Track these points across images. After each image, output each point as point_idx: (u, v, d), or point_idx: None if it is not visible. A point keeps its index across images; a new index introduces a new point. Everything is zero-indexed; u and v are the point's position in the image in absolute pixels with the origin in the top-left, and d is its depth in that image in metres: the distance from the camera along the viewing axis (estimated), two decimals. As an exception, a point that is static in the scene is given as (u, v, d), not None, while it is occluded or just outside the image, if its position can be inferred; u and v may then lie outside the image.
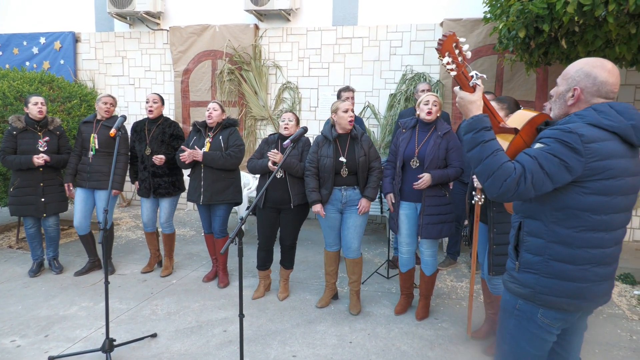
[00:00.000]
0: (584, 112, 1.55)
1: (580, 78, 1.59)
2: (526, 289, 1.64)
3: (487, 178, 1.51)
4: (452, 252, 4.65)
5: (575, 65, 1.62)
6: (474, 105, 1.61)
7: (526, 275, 1.64)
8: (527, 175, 1.46)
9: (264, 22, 6.45)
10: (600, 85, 1.56)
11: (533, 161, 1.48)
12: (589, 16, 3.27)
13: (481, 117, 1.58)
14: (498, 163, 1.49)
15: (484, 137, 1.54)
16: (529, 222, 1.64)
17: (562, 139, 1.47)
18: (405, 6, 5.98)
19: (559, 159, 1.46)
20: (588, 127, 1.49)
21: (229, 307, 3.61)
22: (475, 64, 5.68)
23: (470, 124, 1.59)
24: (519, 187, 1.46)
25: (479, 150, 1.53)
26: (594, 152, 1.46)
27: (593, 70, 1.57)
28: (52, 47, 7.11)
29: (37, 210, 4.08)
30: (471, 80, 1.60)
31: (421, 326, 3.33)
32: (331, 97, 6.30)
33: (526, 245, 1.64)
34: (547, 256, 1.59)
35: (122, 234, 5.62)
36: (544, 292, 1.60)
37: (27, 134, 4.02)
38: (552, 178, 1.47)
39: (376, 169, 3.40)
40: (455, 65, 1.55)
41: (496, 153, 1.51)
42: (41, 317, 3.40)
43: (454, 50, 1.55)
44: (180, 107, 6.77)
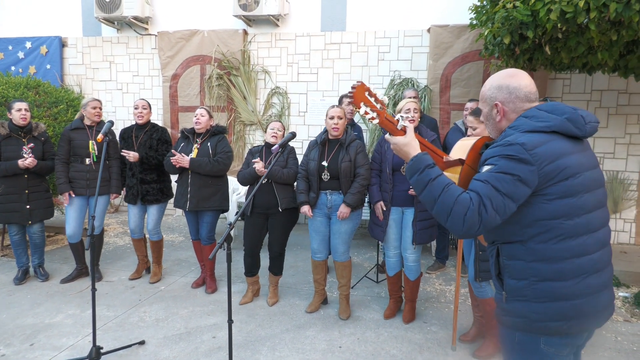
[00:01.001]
0: (516, 123, 1.51)
1: (494, 94, 1.57)
2: (519, 319, 1.49)
3: (446, 217, 1.39)
4: (440, 256, 4.68)
5: (486, 85, 1.61)
6: (409, 147, 1.56)
7: (516, 304, 1.50)
8: (485, 202, 1.36)
9: (253, 28, 6.46)
10: (515, 92, 1.53)
11: (486, 185, 1.38)
12: (571, 23, 3.34)
13: (421, 157, 1.52)
14: (452, 198, 1.39)
15: (429, 176, 1.46)
16: (505, 247, 1.52)
17: (506, 154, 1.40)
18: (393, 12, 6.04)
19: (510, 175, 1.38)
20: (525, 134, 1.44)
21: (218, 313, 3.59)
22: (462, 70, 5.76)
23: (412, 165, 1.52)
24: (482, 218, 1.35)
25: (429, 190, 1.44)
26: (542, 157, 1.39)
27: (502, 82, 1.56)
28: (38, 52, 7.04)
29: (22, 218, 4.03)
30: (397, 123, 1.56)
31: (410, 330, 3.35)
32: (320, 102, 6.32)
33: (508, 271, 1.51)
34: (532, 278, 1.45)
35: (110, 241, 5.56)
36: (539, 319, 1.45)
37: (11, 141, 3.96)
38: (512, 197, 1.38)
39: (360, 176, 3.36)
40: (375, 113, 1.51)
41: (447, 188, 1.42)
42: (26, 325, 3.35)
43: (368, 99, 1.50)
44: (169, 112, 6.74)
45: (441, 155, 1.63)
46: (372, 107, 1.51)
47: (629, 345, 3.19)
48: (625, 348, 3.14)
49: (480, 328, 3.16)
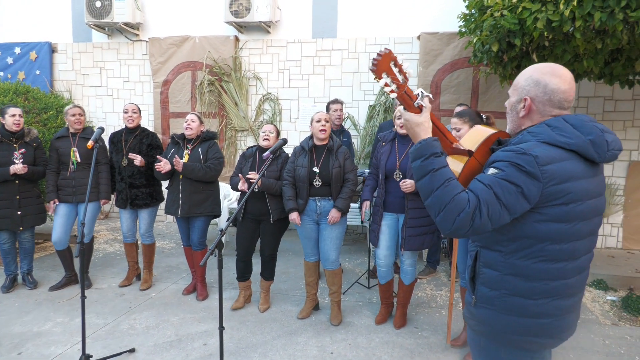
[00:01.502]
0: (537, 129, 1.40)
1: (529, 87, 1.44)
2: (484, 327, 1.49)
3: (438, 212, 1.33)
4: (431, 261, 4.71)
5: (525, 74, 1.47)
6: (420, 128, 1.44)
7: (483, 310, 1.49)
8: (482, 208, 1.29)
9: (244, 34, 6.49)
10: (551, 94, 1.41)
11: (488, 190, 1.31)
12: (557, 32, 3.41)
13: (430, 142, 1.40)
14: (450, 195, 1.31)
15: (433, 165, 1.36)
16: (485, 253, 1.48)
17: (516, 162, 1.31)
18: (383, 20, 6.10)
19: (514, 185, 1.30)
20: (542, 146, 1.34)
21: (209, 320, 3.57)
22: (452, 76, 5.82)
23: (418, 149, 1.41)
24: (474, 222, 1.29)
25: (429, 180, 1.36)
26: (552, 175, 1.31)
27: (543, 77, 1.42)
28: (27, 58, 6.99)
29: (14, 224, 3.99)
30: (416, 100, 1.45)
31: (402, 335, 3.36)
32: (311, 108, 6.35)
33: (482, 278, 1.48)
34: (503, 290, 1.43)
35: (100, 247, 5.51)
36: (503, 331, 1.45)
37: (2, 146, 3.93)
38: (509, 208, 1.31)
39: (350, 181, 3.40)
40: (396, 85, 1.39)
41: (448, 183, 1.33)
42: (14, 334, 3.30)
43: (392, 69, 1.39)
44: (160, 118, 6.73)
45: (451, 141, 1.53)
46: (393, 79, 1.39)
47: (616, 348, 3.23)
48: (613, 351, 3.18)
49: (470, 333, 3.18)
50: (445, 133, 1.53)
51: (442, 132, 1.52)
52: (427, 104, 1.46)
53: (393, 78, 1.39)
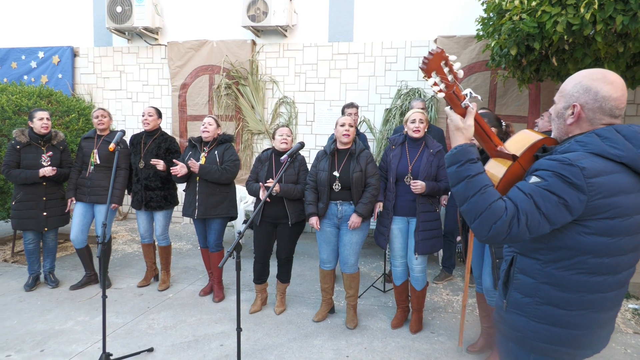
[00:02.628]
0: (586, 139, 1.33)
1: (579, 93, 1.38)
2: (515, 332, 1.47)
3: (474, 219, 1.30)
4: (447, 265, 4.68)
5: (573, 79, 1.41)
6: (459, 133, 1.42)
7: (514, 316, 1.46)
8: (520, 217, 1.26)
9: (261, 38, 6.55)
10: (602, 101, 1.34)
11: (528, 200, 1.27)
12: (577, 35, 3.37)
13: (466, 148, 1.38)
14: (486, 203, 1.28)
15: (469, 172, 1.34)
16: (522, 259, 1.45)
17: (561, 173, 1.26)
18: (399, 23, 6.11)
19: (557, 196, 1.25)
20: (591, 157, 1.28)
21: (226, 321, 3.61)
22: (468, 80, 5.79)
23: (454, 155, 1.39)
24: (512, 231, 1.26)
25: (464, 186, 1.34)
26: (598, 189, 1.25)
27: (593, 84, 1.36)
28: (50, 62, 7.17)
29: (39, 225, 4.09)
30: (464, 100, 1.42)
31: (417, 340, 3.35)
32: (327, 111, 6.37)
33: (516, 284, 1.46)
34: (537, 298, 1.40)
35: (118, 248, 5.61)
36: (533, 338, 1.42)
37: (31, 149, 4.04)
38: (550, 219, 1.27)
39: (371, 186, 3.38)
40: (445, 85, 1.38)
41: (484, 190, 1.30)
42: (37, 331, 3.38)
43: (442, 69, 1.37)
44: (178, 121, 6.82)
45: (496, 143, 1.50)
46: (443, 78, 1.37)
47: (638, 357, 3.16)
48: (634, 360, 3.12)
49: (488, 339, 3.15)
50: (490, 135, 1.50)
51: (487, 134, 1.50)
52: (472, 109, 1.43)
53: (442, 77, 1.38)
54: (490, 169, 1.50)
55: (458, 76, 1.40)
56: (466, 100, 1.42)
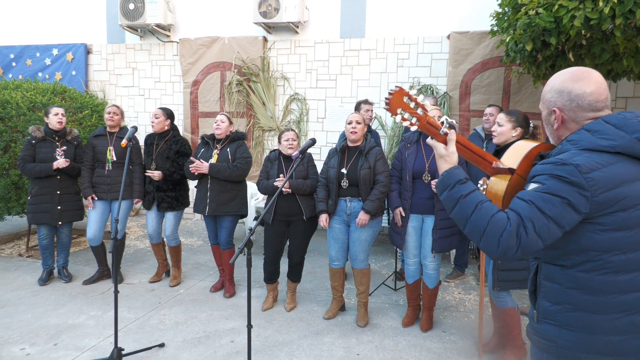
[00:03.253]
0: (576, 137, 1.33)
1: (555, 98, 1.38)
2: (548, 343, 1.38)
3: (480, 238, 1.27)
4: (459, 264, 4.63)
5: (548, 85, 1.42)
6: (443, 160, 1.42)
7: (546, 326, 1.39)
8: (526, 225, 1.23)
9: (273, 35, 6.53)
10: (578, 99, 1.34)
11: (530, 207, 1.25)
12: (596, 30, 3.29)
13: (451, 172, 1.38)
14: (486, 217, 1.26)
15: (460, 192, 1.34)
16: (546, 266, 1.40)
17: (557, 174, 1.25)
18: (412, 19, 6.04)
19: (559, 197, 1.23)
20: (583, 153, 1.27)
21: (236, 317, 3.61)
22: (482, 76, 5.71)
23: (442, 181, 1.40)
24: (521, 240, 1.22)
25: (460, 208, 1.32)
26: (599, 182, 1.23)
27: (564, 85, 1.37)
28: (64, 59, 7.24)
29: (53, 218, 4.14)
30: (440, 128, 1.43)
31: (429, 339, 3.32)
32: (339, 108, 6.34)
33: (543, 292, 1.40)
34: (566, 305, 1.34)
35: (130, 244, 5.66)
36: (567, 347, 1.34)
37: (46, 144, 4.11)
38: (558, 222, 1.23)
39: (380, 183, 3.35)
40: (415, 118, 1.38)
41: (480, 206, 1.29)
42: (50, 325, 3.42)
43: (407, 104, 1.37)
44: (189, 117, 6.85)
45: (490, 160, 1.50)
46: (411, 113, 1.39)
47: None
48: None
49: (500, 339, 3.11)
50: (481, 155, 1.49)
51: (478, 155, 1.49)
52: (452, 135, 1.43)
53: (411, 112, 1.39)
54: (492, 187, 1.50)
55: (426, 107, 1.42)
56: (443, 127, 1.43)
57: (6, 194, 4.78)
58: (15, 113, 4.79)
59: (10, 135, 4.72)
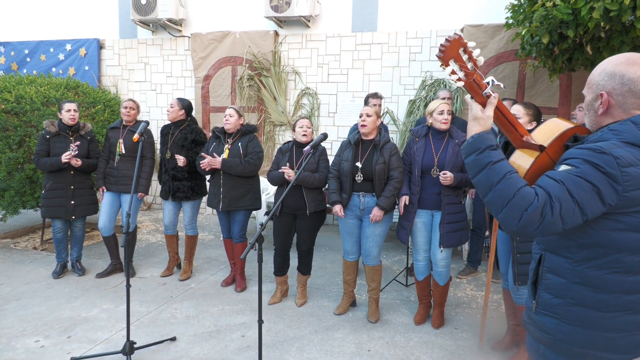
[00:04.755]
0: (620, 127, 1.26)
1: (604, 81, 1.31)
2: (545, 335, 1.38)
3: (501, 208, 1.22)
4: (472, 260, 4.58)
5: (598, 68, 1.35)
6: (476, 122, 1.35)
7: (544, 318, 1.38)
8: (554, 204, 1.18)
9: (284, 29, 6.50)
10: (631, 84, 1.26)
11: (560, 186, 1.19)
12: (615, 22, 3.20)
13: (483, 135, 1.32)
14: (514, 188, 1.20)
15: (490, 158, 1.27)
16: (551, 257, 1.37)
17: (593, 161, 1.19)
18: (425, 12, 5.96)
19: (590, 183, 1.18)
20: (625, 146, 1.21)
21: (247, 312, 3.62)
22: (496, 70, 5.62)
23: (472, 143, 1.33)
24: (545, 219, 1.18)
25: (487, 174, 1.26)
26: (633, 179, 1.18)
27: (617, 69, 1.29)
28: (77, 54, 7.29)
29: (67, 213, 4.19)
30: (485, 89, 1.35)
31: (441, 336, 3.29)
32: (350, 103, 6.30)
33: (545, 284, 1.38)
34: (569, 299, 1.32)
35: (143, 238, 5.70)
36: (565, 341, 1.33)
37: (60, 139, 4.14)
38: (584, 208, 1.19)
39: (394, 179, 3.31)
40: (464, 73, 1.31)
41: (509, 176, 1.23)
42: (64, 318, 3.46)
43: (460, 56, 1.30)
44: (201, 112, 6.86)
45: (522, 133, 1.42)
46: (462, 66, 1.30)
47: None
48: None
49: (514, 337, 3.06)
50: (515, 125, 1.42)
51: (512, 124, 1.42)
52: (493, 100, 1.36)
53: (461, 65, 1.31)
54: (515, 160, 1.43)
55: (478, 63, 1.34)
56: (488, 89, 1.35)
57: (21, 188, 4.84)
58: (29, 108, 4.83)
59: (25, 129, 4.77)
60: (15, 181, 4.76)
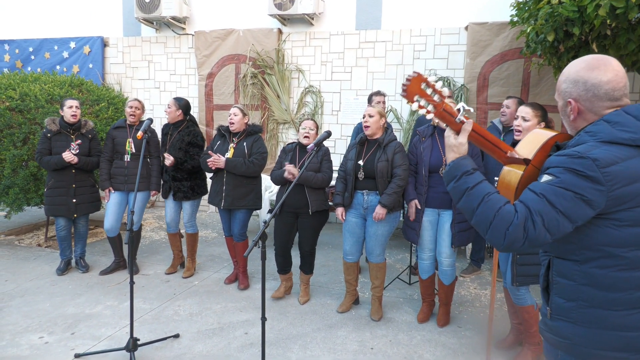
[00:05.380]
0: (594, 128, 1.28)
1: (570, 88, 1.33)
2: (562, 340, 1.36)
3: (486, 230, 1.26)
4: (475, 259, 4.57)
5: (562, 75, 1.37)
6: (451, 150, 1.39)
7: (560, 323, 1.37)
8: (535, 219, 1.20)
9: (288, 27, 6.49)
10: (594, 89, 1.28)
11: (540, 200, 1.22)
12: (621, 19, 3.18)
13: (458, 162, 1.36)
14: (493, 210, 1.24)
15: (467, 184, 1.32)
16: (559, 262, 1.37)
17: (573, 168, 1.21)
18: (429, 10, 5.94)
19: (572, 192, 1.20)
20: (602, 146, 1.23)
21: (250, 309, 3.62)
22: (501, 68, 5.60)
23: (448, 172, 1.37)
24: (528, 234, 1.20)
25: (466, 200, 1.31)
26: (617, 177, 1.19)
27: (579, 75, 1.31)
28: (81, 52, 7.31)
29: (69, 211, 4.19)
30: (457, 116, 1.38)
31: (444, 334, 3.28)
32: (354, 101, 6.29)
33: (556, 288, 1.37)
34: (580, 301, 1.31)
35: (146, 235, 5.71)
36: (583, 344, 1.32)
37: (61, 137, 4.14)
38: (570, 217, 1.21)
39: (398, 176, 3.29)
40: (432, 105, 1.35)
41: (487, 199, 1.27)
42: (68, 314, 3.48)
43: (424, 91, 1.34)
44: (204, 110, 6.87)
45: (505, 150, 1.45)
46: (428, 100, 1.35)
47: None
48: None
49: (517, 336, 3.06)
50: (496, 143, 1.45)
51: (493, 143, 1.45)
52: (467, 125, 1.38)
53: (427, 99, 1.35)
54: (504, 177, 1.45)
55: (444, 94, 1.37)
56: (460, 115, 1.39)
57: (25, 185, 4.86)
58: (33, 105, 4.85)
59: (29, 127, 4.78)
60: (20, 178, 4.78)
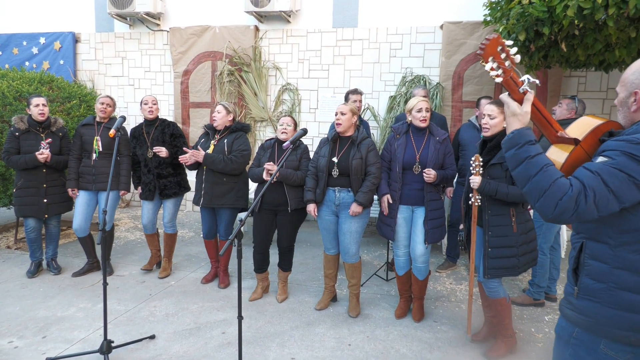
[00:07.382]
0: None
1: (638, 79, 1.40)
2: (586, 319, 1.43)
3: (538, 198, 1.32)
4: (451, 255, 4.65)
5: (632, 67, 1.44)
6: (515, 119, 1.45)
7: (586, 302, 1.43)
8: (588, 193, 1.27)
9: (264, 24, 6.45)
10: None
11: (595, 177, 1.28)
12: (589, 20, 3.28)
13: (522, 131, 1.43)
14: (549, 180, 1.31)
15: (529, 152, 1.38)
16: (592, 245, 1.43)
17: (630, 152, 1.27)
18: (405, 9, 5.99)
19: (626, 174, 1.26)
20: None
21: (228, 308, 3.60)
22: (475, 67, 5.70)
23: (511, 139, 1.44)
24: (579, 207, 1.27)
25: (525, 167, 1.37)
26: None
27: None
28: (52, 48, 7.11)
29: (39, 211, 4.07)
30: (521, 86, 1.44)
31: (420, 329, 3.33)
32: (331, 99, 6.30)
33: (587, 270, 1.44)
34: (611, 284, 1.38)
35: (121, 235, 5.61)
36: (607, 324, 1.39)
37: (30, 135, 4.01)
38: (619, 197, 1.28)
39: (372, 174, 3.32)
40: (502, 70, 1.41)
41: (546, 169, 1.33)
42: (39, 318, 3.38)
43: (499, 54, 1.40)
44: (180, 108, 6.77)
45: (556, 129, 1.51)
46: (500, 63, 1.40)
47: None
48: None
49: (491, 328, 3.13)
50: (550, 121, 1.52)
51: (548, 120, 1.51)
52: (529, 96, 1.44)
53: (500, 63, 1.41)
54: (551, 155, 1.51)
55: (515, 61, 1.43)
56: (524, 86, 1.44)
57: (-7, 185, 4.71)
58: (1, 103, 4.69)
59: (-4, 125, 4.63)
60: (-13, 178, 4.63)
